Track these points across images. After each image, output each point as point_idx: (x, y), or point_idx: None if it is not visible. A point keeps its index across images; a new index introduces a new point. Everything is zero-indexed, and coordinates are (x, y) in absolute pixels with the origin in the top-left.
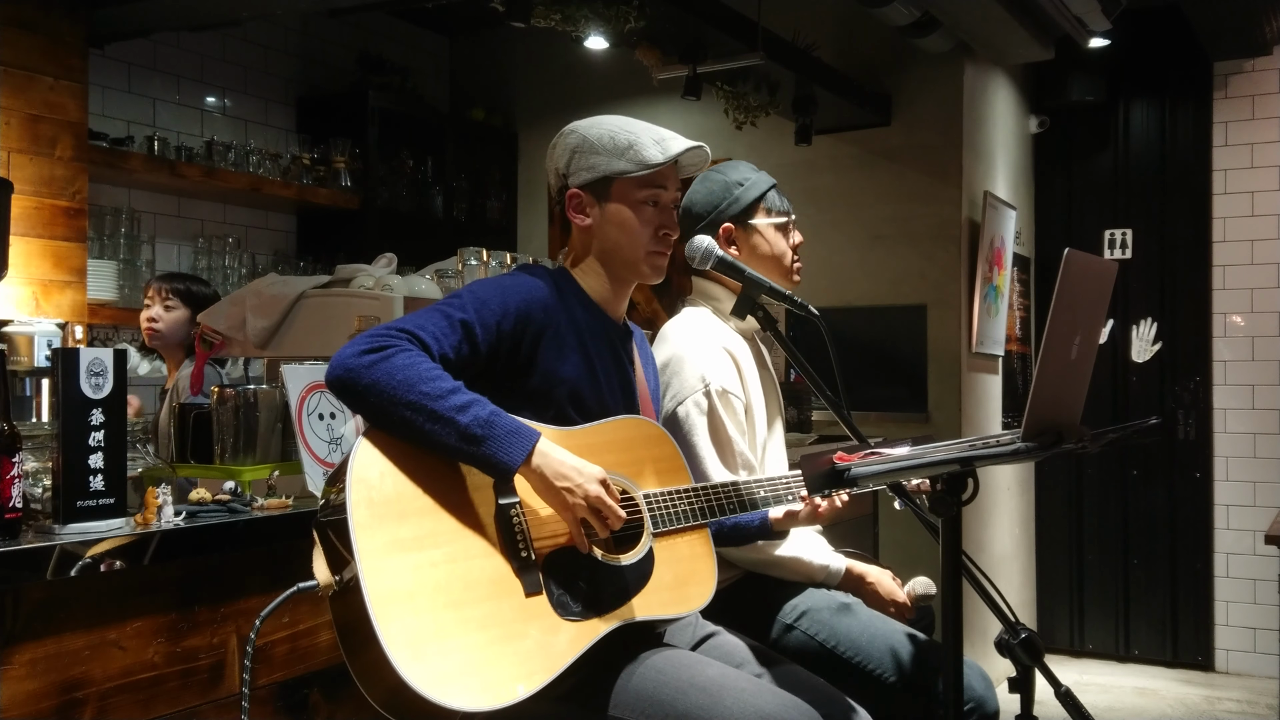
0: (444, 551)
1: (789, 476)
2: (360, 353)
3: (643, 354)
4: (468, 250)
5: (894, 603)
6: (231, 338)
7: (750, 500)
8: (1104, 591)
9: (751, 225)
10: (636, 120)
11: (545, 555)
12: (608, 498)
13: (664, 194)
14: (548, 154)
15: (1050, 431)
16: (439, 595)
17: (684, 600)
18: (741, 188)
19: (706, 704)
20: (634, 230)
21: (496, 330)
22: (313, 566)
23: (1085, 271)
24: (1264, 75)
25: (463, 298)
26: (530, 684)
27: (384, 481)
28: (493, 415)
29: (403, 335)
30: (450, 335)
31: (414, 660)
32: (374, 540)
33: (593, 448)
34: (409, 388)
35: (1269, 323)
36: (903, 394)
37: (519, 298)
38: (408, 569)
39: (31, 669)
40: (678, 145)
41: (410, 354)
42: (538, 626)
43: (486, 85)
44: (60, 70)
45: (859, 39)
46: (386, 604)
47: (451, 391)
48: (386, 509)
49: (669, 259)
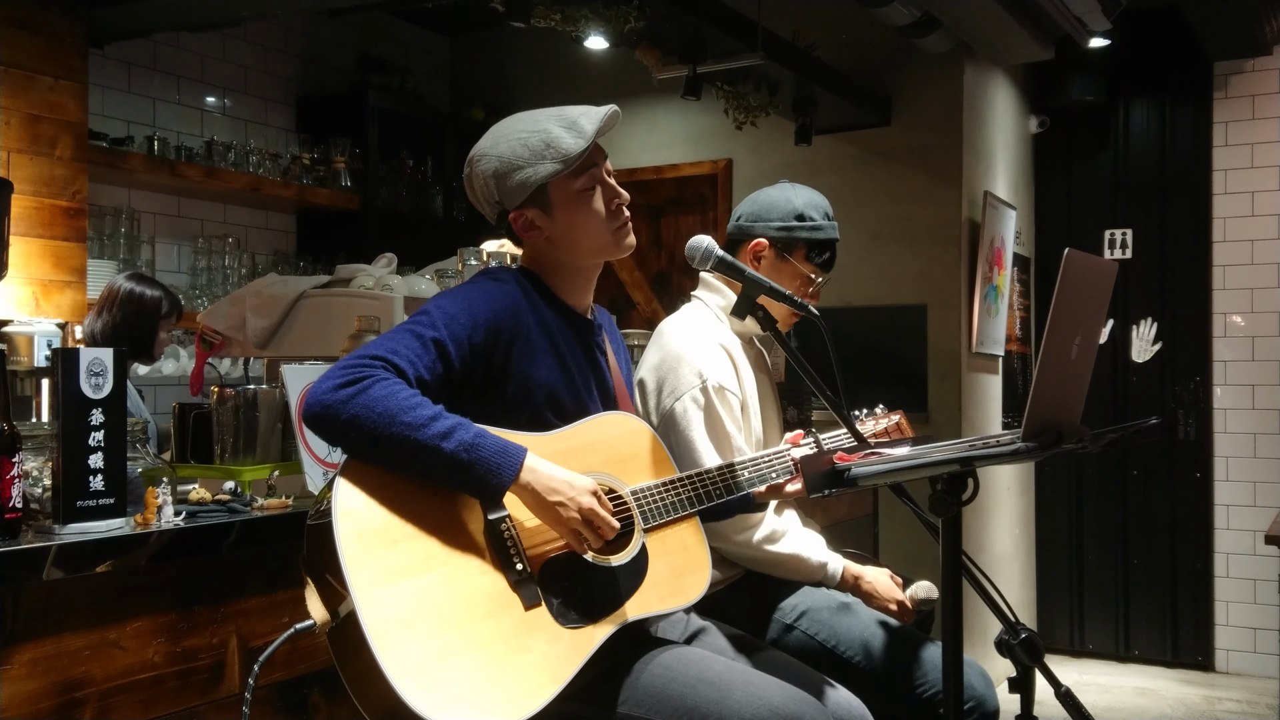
0: (438, 574)
1: (770, 454)
2: (335, 387)
3: (613, 341)
4: (468, 250)
5: (895, 603)
6: (231, 338)
7: (735, 483)
8: (1104, 591)
9: (788, 259)
10: (536, 111)
11: (540, 565)
12: (600, 509)
13: (598, 170)
14: (466, 190)
15: (1050, 431)
16: (438, 618)
17: (682, 592)
18: (803, 225)
19: (715, 698)
20: (587, 222)
21: (469, 344)
22: (307, 606)
23: (1085, 271)
24: (1264, 75)
25: (430, 314)
26: (540, 697)
27: (369, 511)
28: (477, 438)
29: (377, 363)
30: (424, 356)
31: (420, 689)
32: (367, 572)
33: (576, 450)
34: (390, 420)
35: (1269, 323)
36: (903, 394)
37: (487, 308)
38: (404, 596)
39: (31, 669)
40: (590, 122)
41: (387, 383)
42: (541, 638)
43: (486, 85)
44: (60, 70)
45: (859, 39)
46: (386, 633)
47: (433, 419)
48: (376, 539)
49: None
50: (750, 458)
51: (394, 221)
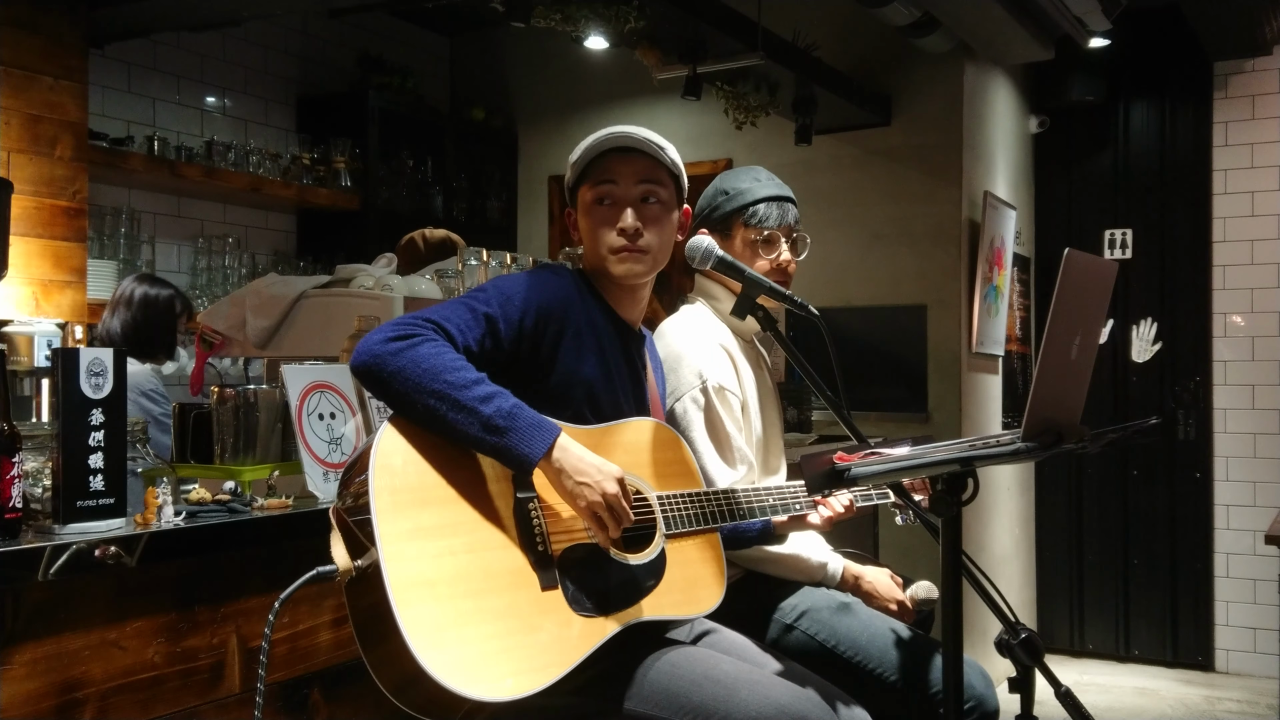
0: (464, 541)
1: (797, 486)
2: (387, 339)
3: (653, 359)
4: (468, 250)
5: (895, 602)
6: (231, 338)
7: (760, 507)
8: (1104, 591)
9: (730, 235)
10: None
11: (562, 551)
12: (621, 498)
13: (614, 190)
14: None
15: (1050, 431)
16: (458, 584)
17: (694, 602)
18: (725, 196)
19: (722, 696)
20: (590, 234)
21: (519, 326)
22: (331, 552)
23: (1085, 271)
24: (1264, 75)
25: (487, 291)
26: (545, 676)
27: (407, 469)
28: (515, 408)
29: (428, 325)
30: (475, 328)
31: (433, 648)
32: (396, 526)
33: (608, 447)
34: (434, 376)
35: (1269, 323)
36: (903, 394)
37: (542, 295)
38: (428, 556)
39: (31, 669)
40: (594, 138)
41: (436, 344)
42: (552, 620)
43: (486, 85)
44: (60, 70)
45: (859, 39)
46: (407, 590)
47: (476, 382)
48: (409, 496)
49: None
50: (777, 485)
51: (394, 221)
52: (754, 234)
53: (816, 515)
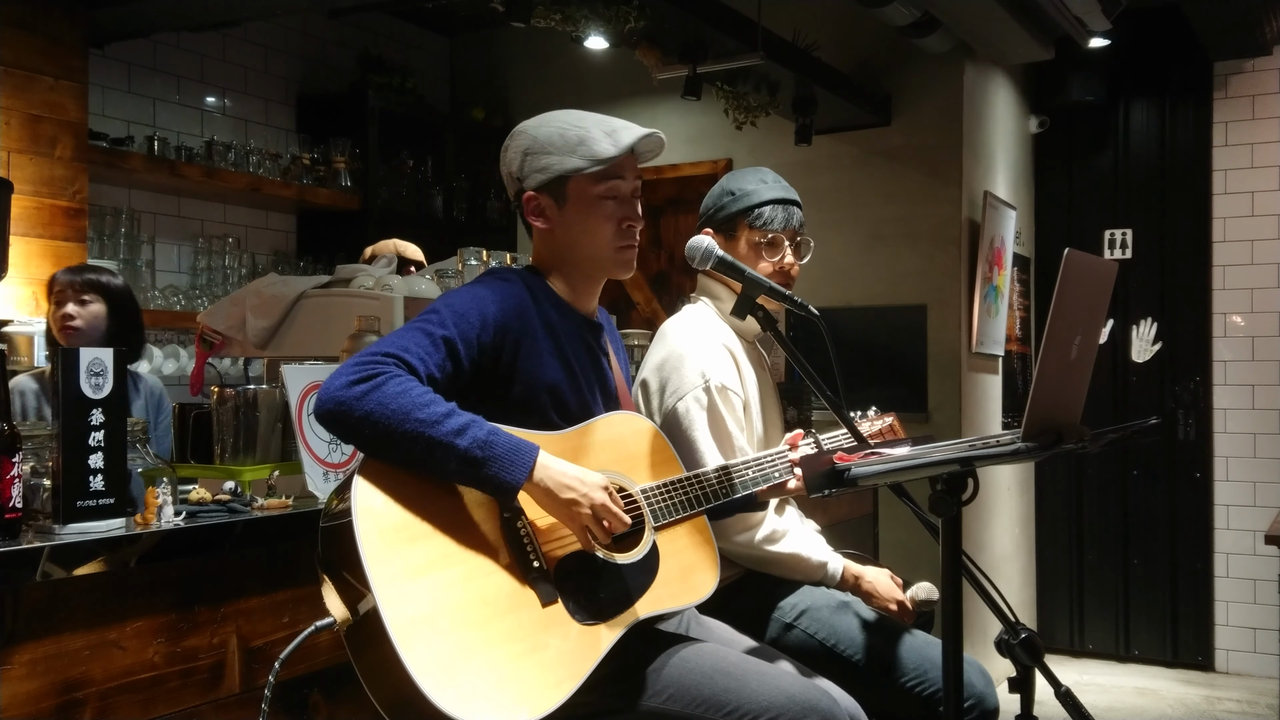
0: (458, 571)
1: (772, 454)
2: (349, 384)
3: (613, 342)
4: (468, 250)
5: (895, 603)
6: (231, 338)
7: (741, 482)
8: (1104, 591)
9: (735, 236)
10: (587, 113)
11: (555, 563)
12: (612, 505)
13: (623, 185)
14: (500, 158)
15: (1050, 431)
16: (459, 615)
17: (692, 590)
18: (730, 197)
19: (734, 687)
20: (594, 228)
21: (478, 343)
22: (326, 604)
23: (1085, 271)
24: (1264, 75)
25: (440, 313)
26: (561, 692)
27: (389, 509)
28: (490, 435)
29: (389, 360)
30: (434, 354)
31: (445, 686)
32: (388, 568)
33: (585, 449)
34: (404, 416)
35: (1269, 323)
36: (903, 394)
37: (496, 308)
38: (425, 593)
39: (31, 669)
40: (630, 135)
41: (400, 380)
42: (558, 635)
43: (486, 85)
44: (60, 70)
45: (859, 39)
46: (409, 630)
47: (447, 415)
48: (396, 536)
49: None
50: (754, 457)
51: (394, 221)
52: (758, 236)
53: (794, 479)
